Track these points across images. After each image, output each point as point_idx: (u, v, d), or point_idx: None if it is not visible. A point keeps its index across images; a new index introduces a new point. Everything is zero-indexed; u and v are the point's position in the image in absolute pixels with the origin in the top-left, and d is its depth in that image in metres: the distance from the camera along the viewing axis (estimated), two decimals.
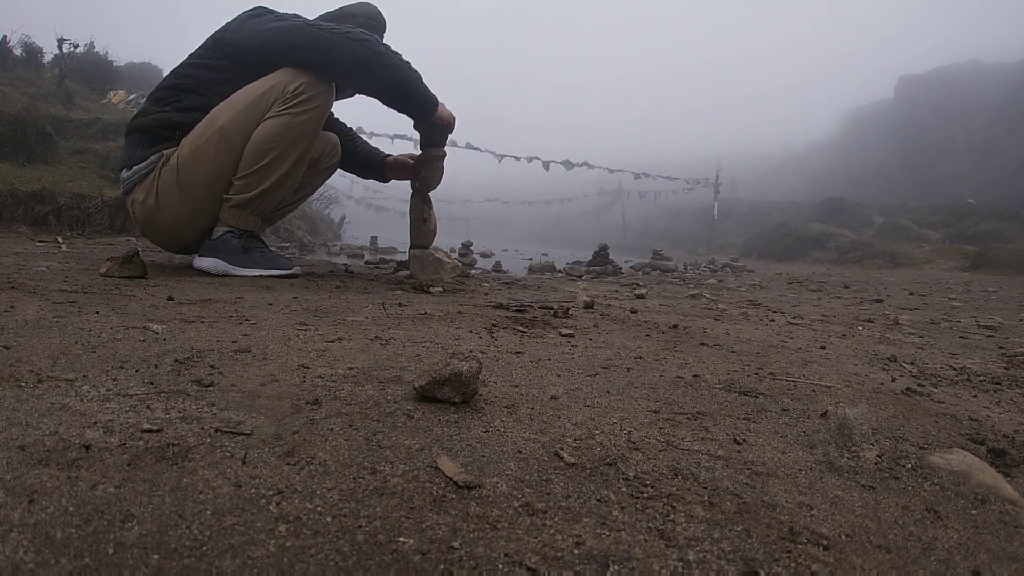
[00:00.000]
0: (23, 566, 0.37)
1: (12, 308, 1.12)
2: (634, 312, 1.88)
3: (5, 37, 7.47)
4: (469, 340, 1.19)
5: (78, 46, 8.21)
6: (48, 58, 8.04)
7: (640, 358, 1.14)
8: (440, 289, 2.13)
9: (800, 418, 0.82)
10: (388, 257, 4.94)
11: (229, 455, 0.55)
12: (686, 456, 0.65)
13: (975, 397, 1.07)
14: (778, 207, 19.20)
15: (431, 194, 2.53)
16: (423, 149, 2.45)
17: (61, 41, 7.17)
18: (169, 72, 2.19)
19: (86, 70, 8.53)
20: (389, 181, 2.76)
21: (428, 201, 2.51)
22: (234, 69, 2.06)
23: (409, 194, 2.53)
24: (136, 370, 0.79)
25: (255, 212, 2.06)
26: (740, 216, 19.10)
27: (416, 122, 2.30)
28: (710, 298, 2.69)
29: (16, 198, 3.45)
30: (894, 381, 1.12)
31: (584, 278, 4.01)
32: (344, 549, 0.42)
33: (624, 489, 0.55)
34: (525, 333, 1.33)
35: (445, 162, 2.49)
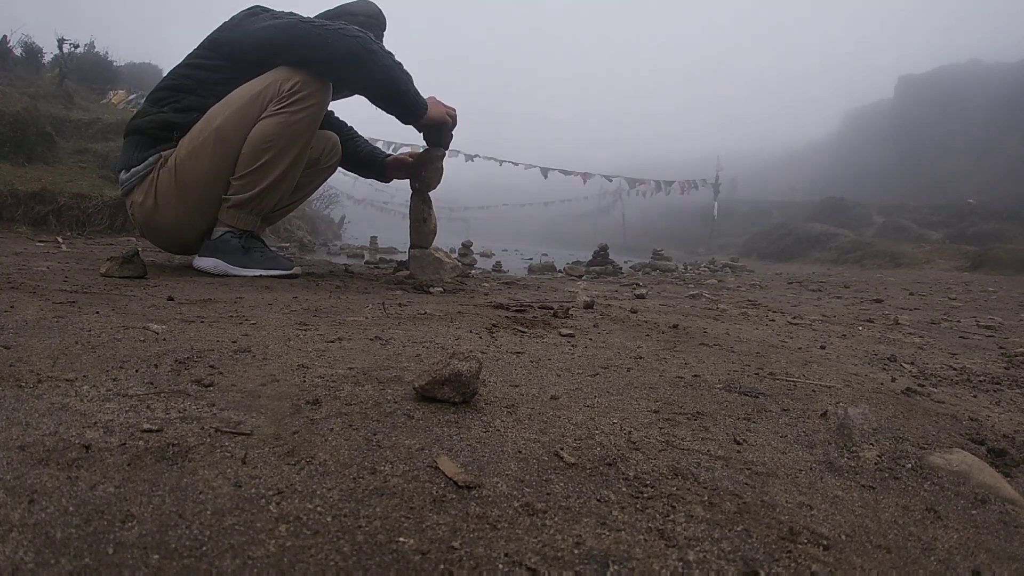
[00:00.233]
0: (23, 566, 0.37)
1: (12, 308, 1.13)
2: (634, 312, 1.88)
3: (5, 37, 7.48)
4: (469, 340, 1.19)
5: (78, 46, 8.22)
6: (48, 58, 8.05)
7: (640, 358, 1.14)
8: (440, 289, 2.13)
9: (800, 418, 0.82)
10: (388, 257, 4.95)
11: (229, 455, 0.55)
12: (686, 456, 0.65)
13: (975, 397, 1.07)
14: (778, 207, 19.20)
15: (431, 194, 2.53)
16: (425, 148, 2.45)
17: (61, 41, 7.17)
18: (167, 73, 2.19)
19: (86, 70, 8.54)
20: (390, 181, 2.76)
21: (428, 201, 2.51)
22: (231, 69, 2.06)
23: (409, 194, 2.53)
24: (136, 370, 0.79)
25: (254, 212, 2.06)
26: (740, 216, 19.09)
27: (404, 123, 2.29)
28: (710, 298, 2.69)
29: (16, 198, 3.46)
30: (894, 381, 1.12)
31: (584, 278, 4.01)
32: (344, 549, 0.42)
33: (624, 489, 0.55)
34: (525, 333, 1.33)
35: (444, 162, 2.49)
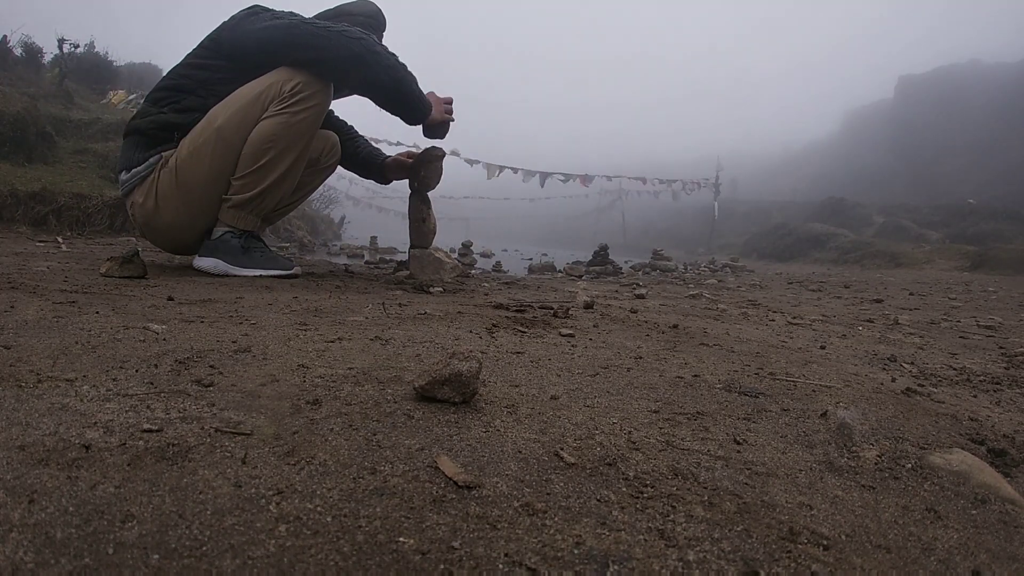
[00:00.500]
0: (23, 566, 0.37)
1: (12, 308, 1.13)
2: (634, 312, 1.88)
3: (5, 37, 7.47)
4: (469, 340, 1.19)
5: (78, 46, 8.22)
6: (48, 58, 8.05)
7: (640, 358, 1.14)
8: (440, 289, 2.12)
9: (800, 418, 0.82)
10: (388, 257, 4.95)
11: (229, 455, 0.55)
12: (686, 456, 0.65)
13: (975, 397, 1.07)
14: (778, 207, 19.19)
15: (430, 194, 2.53)
16: (424, 149, 2.45)
17: (61, 41, 7.17)
18: (167, 73, 2.18)
19: (86, 70, 8.53)
20: (390, 183, 2.75)
21: (427, 201, 2.51)
22: (232, 69, 2.06)
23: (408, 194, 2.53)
24: (136, 370, 0.79)
25: (254, 212, 2.07)
26: (740, 216, 19.09)
27: (409, 123, 2.29)
28: (710, 298, 2.69)
29: (16, 198, 3.46)
30: (894, 381, 1.12)
31: (584, 278, 4.00)
32: (344, 549, 0.42)
33: (624, 489, 0.55)
34: (525, 333, 1.33)
35: (444, 161, 2.49)
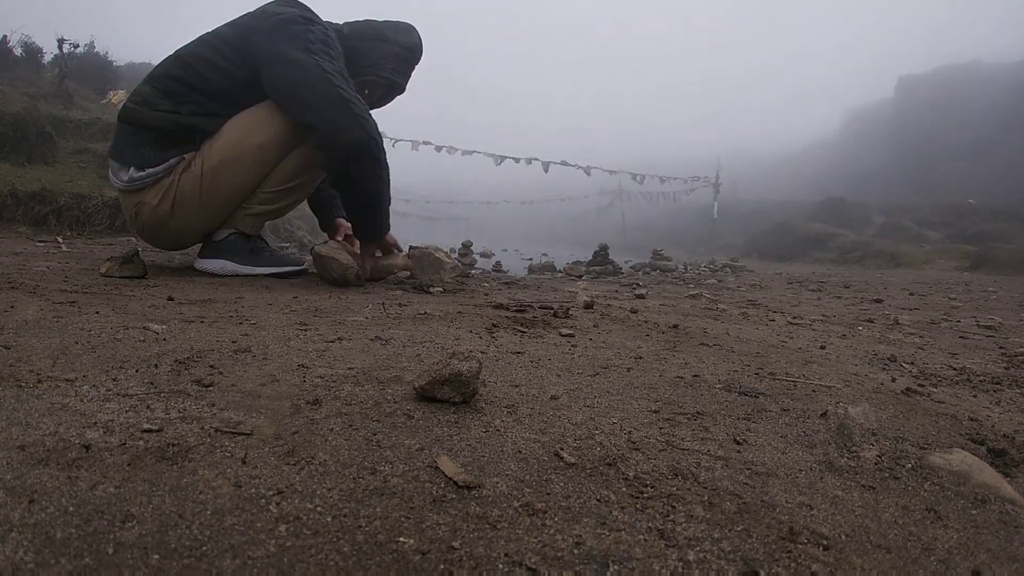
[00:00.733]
0: (23, 566, 0.37)
1: (12, 308, 1.13)
2: (634, 312, 1.88)
3: (5, 37, 7.47)
4: (469, 340, 1.19)
5: (78, 46, 8.20)
6: (48, 58, 8.04)
7: (640, 358, 1.14)
8: (440, 289, 2.12)
9: (800, 418, 0.82)
10: None
11: (229, 455, 0.55)
12: (686, 456, 0.65)
13: (975, 397, 1.07)
14: (778, 207, 19.18)
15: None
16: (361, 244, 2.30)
17: (61, 41, 7.16)
18: (182, 53, 1.99)
19: (86, 70, 8.52)
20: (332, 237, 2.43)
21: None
22: (247, 87, 1.97)
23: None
24: (136, 370, 0.80)
25: (265, 220, 2.15)
26: (740, 216, 19.07)
27: (361, 238, 2.20)
28: (710, 298, 2.69)
29: (16, 198, 3.46)
30: (894, 381, 1.12)
31: (584, 278, 4.00)
32: (344, 549, 0.42)
33: (624, 489, 0.55)
34: (525, 333, 1.33)
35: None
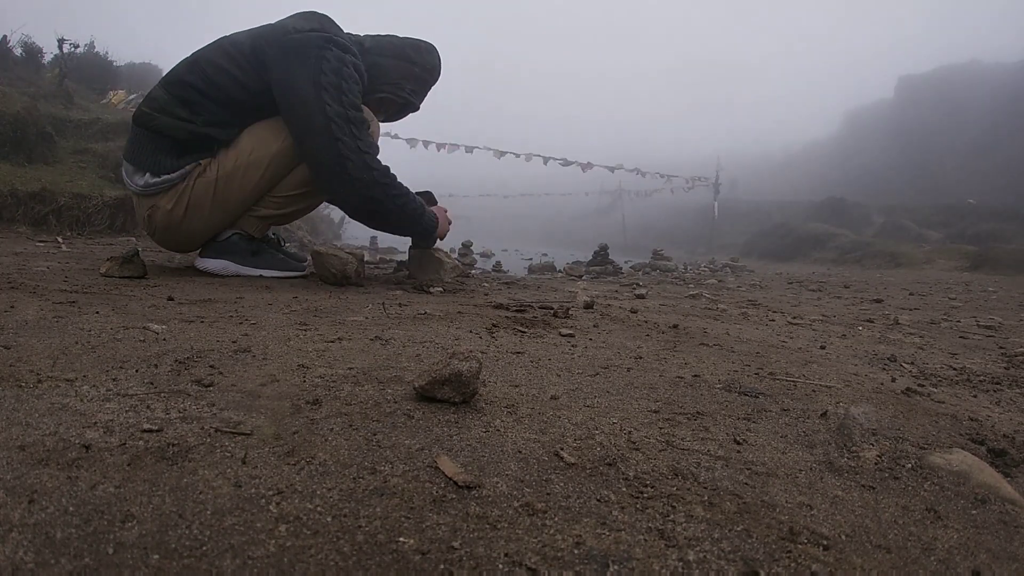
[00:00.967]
0: (23, 566, 0.37)
1: (12, 308, 1.13)
2: (634, 312, 1.88)
3: (5, 37, 7.47)
4: (469, 340, 1.19)
5: (78, 46, 8.20)
6: (48, 58, 8.04)
7: (640, 358, 1.14)
8: (440, 289, 2.12)
9: (800, 418, 0.82)
10: (388, 257, 4.94)
11: (229, 455, 0.55)
12: (686, 456, 0.65)
13: (975, 397, 1.07)
14: (778, 207, 19.17)
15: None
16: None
17: (61, 41, 7.16)
18: (199, 58, 1.96)
19: (86, 70, 8.52)
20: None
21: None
22: (261, 95, 1.95)
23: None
24: (136, 370, 0.80)
25: (270, 224, 2.17)
26: (740, 216, 19.06)
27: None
28: (710, 298, 2.69)
29: (16, 198, 3.46)
30: (894, 381, 1.12)
31: (584, 278, 4.00)
32: (344, 549, 0.42)
33: (624, 489, 0.55)
34: (525, 333, 1.33)
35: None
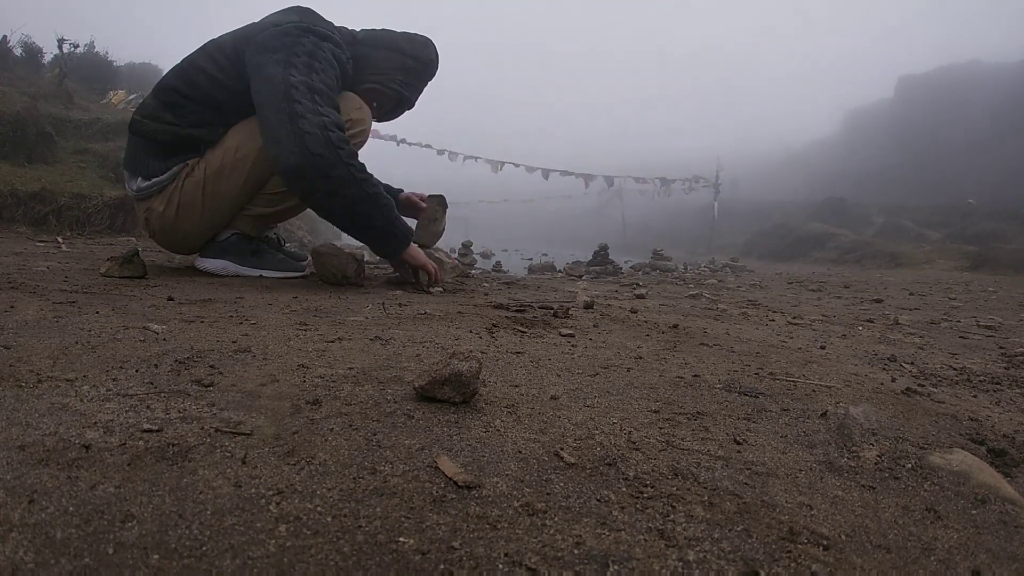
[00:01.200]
0: (23, 566, 0.37)
1: (12, 308, 1.13)
2: (634, 312, 1.88)
3: (5, 37, 7.47)
4: (469, 340, 1.19)
5: (78, 46, 8.20)
6: (48, 58, 8.04)
7: (640, 358, 1.14)
8: (440, 289, 2.12)
9: (800, 418, 0.82)
10: None
11: (229, 455, 0.55)
12: (686, 456, 0.65)
13: (975, 397, 1.07)
14: (778, 207, 19.17)
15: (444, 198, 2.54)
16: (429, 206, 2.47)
17: (61, 41, 7.16)
18: (183, 63, 1.98)
19: (86, 70, 8.52)
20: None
21: (444, 205, 2.52)
22: (243, 95, 1.92)
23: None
24: (136, 370, 0.80)
25: (267, 223, 2.14)
26: (740, 216, 19.05)
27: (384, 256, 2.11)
28: (710, 298, 2.69)
29: (16, 198, 3.46)
30: (894, 381, 1.12)
31: (584, 278, 4.00)
32: (344, 549, 0.42)
33: (624, 489, 0.55)
34: (525, 333, 1.33)
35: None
